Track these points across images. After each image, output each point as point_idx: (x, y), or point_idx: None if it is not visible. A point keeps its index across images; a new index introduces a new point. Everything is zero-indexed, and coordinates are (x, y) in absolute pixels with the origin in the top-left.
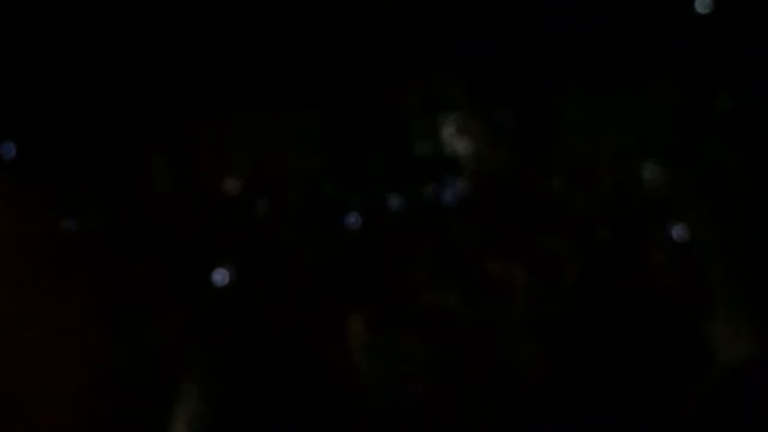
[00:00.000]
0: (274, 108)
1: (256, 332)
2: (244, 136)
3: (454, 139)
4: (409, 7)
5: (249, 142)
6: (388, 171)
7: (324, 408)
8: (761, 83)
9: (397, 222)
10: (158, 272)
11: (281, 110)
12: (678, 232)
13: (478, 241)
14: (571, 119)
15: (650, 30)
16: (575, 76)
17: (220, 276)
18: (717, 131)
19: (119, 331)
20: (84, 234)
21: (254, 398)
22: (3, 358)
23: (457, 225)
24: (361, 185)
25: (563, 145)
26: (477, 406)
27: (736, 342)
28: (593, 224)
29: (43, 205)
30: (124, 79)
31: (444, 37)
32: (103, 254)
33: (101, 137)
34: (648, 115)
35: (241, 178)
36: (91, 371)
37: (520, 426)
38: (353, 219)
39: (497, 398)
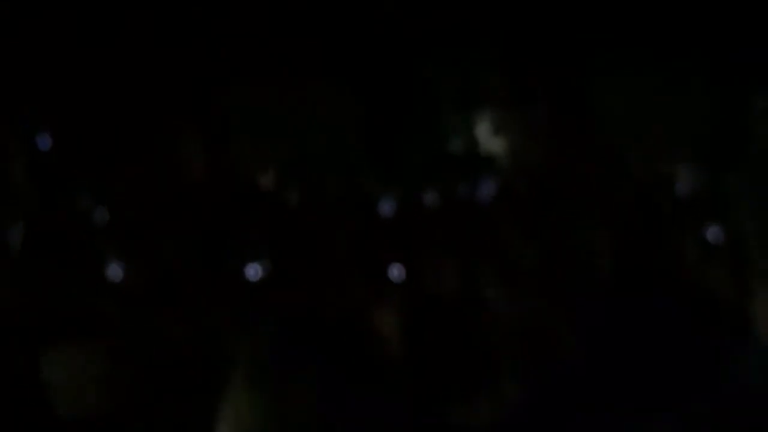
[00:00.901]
0: (309, 97)
1: (291, 321)
2: (280, 124)
3: (489, 135)
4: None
5: (285, 132)
6: (423, 165)
7: (359, 388)
8: None
9: (431, 216)
10: (192, 262)
11: (317, 100)
12: (713, 232)
13: (513, 235)
14: (607, 114)
15: (690, 25)
16: (613, 70)
17: (254, 271)
18: (756, 128)
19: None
20: (116, 222)
21: (293, 385)
22: None
23: (492, 220)
24: (396, 178)
25: (599, 141)
26: (509, 395)
27: None
28: (629, 220)
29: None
30: (157, 65)
31: (478, 30)
32: (134, 243)
33: (134, 123)
34: (686, 111)
35: (276, 167)
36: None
37: (556, 410)
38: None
39: (532, 388)
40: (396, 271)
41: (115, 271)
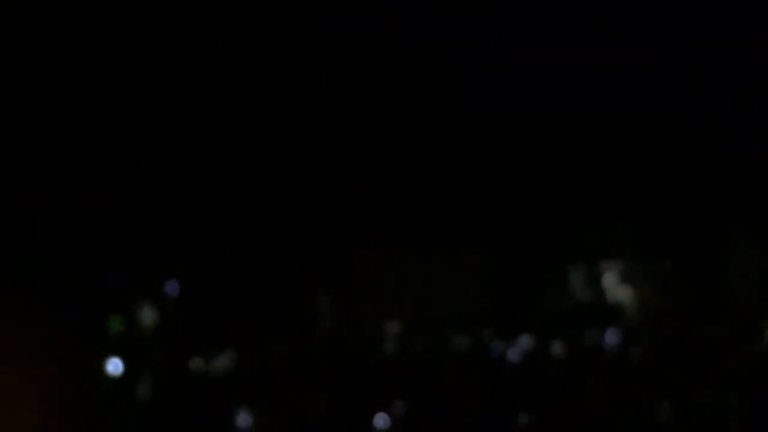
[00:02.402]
0: (438, 249)
1: None
2: (408, 277)
3: (617, 287)
4: (577, 155)
5: (412, 284)
6: (549, 316)
7: None
8: None
9: (557, 367)
10: (320, 410)
11: (446, 252)
12: None
13: (641, 388)
14: (738, 270)
15: None
16: (745, 224)
17: (383, 421)
18: None
19: None
20: (242, 368)
21: None
22: None
23: (619, 372)
24: (522, 329)
25: (729, 296)
26: None
27: None
28: (758, 377)
29: None
30: (290, 216)
31: (611, 184)
32: (262, 389)
33: (263, 274)
34: None
35: (403, 319)
36: None
37: None
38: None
39: None
40: (523, 418)
41: (244, 421)
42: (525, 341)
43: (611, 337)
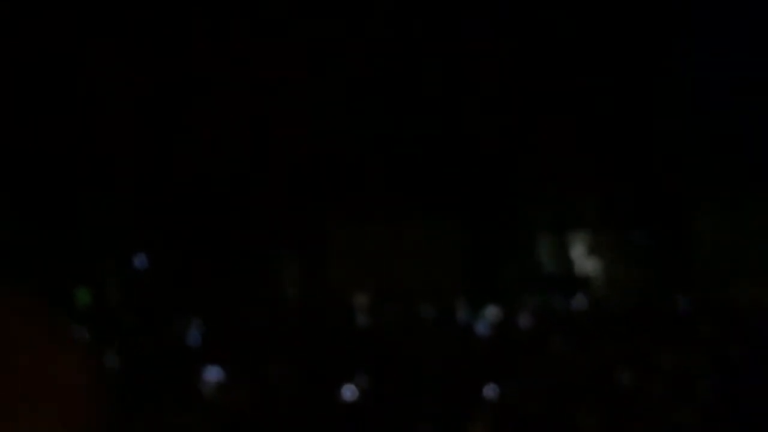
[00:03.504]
0: (408, 220)
1: None
2: (378, 247)
3: (584, 257)
4: (545, 131)
5: (383, 254)
6: (517, 286)
7: None
8: None
9: (525, 336)
10: (288, 378)
11: (416, 223)
12: None
13: (609, 355)
14: (706, 239)
15: None
16: (712, 196)
17: (350, 392)
18: None
19: None
20: (212, 335)
21: None
22: None
23: (586, 339)
24: (491, 299)
25: (697, 265)
26: None
27: None
28: (725, 344)
29: None
30: (262, 188)
31: (577, 156)
32: (231, 356)
33: (235, 242)
34: None
35: (373, 289)
36: None
37: None
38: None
39: None
40: (491, 391)
41: (211, 389)
42: (493, 311)
43: (579, 306)
